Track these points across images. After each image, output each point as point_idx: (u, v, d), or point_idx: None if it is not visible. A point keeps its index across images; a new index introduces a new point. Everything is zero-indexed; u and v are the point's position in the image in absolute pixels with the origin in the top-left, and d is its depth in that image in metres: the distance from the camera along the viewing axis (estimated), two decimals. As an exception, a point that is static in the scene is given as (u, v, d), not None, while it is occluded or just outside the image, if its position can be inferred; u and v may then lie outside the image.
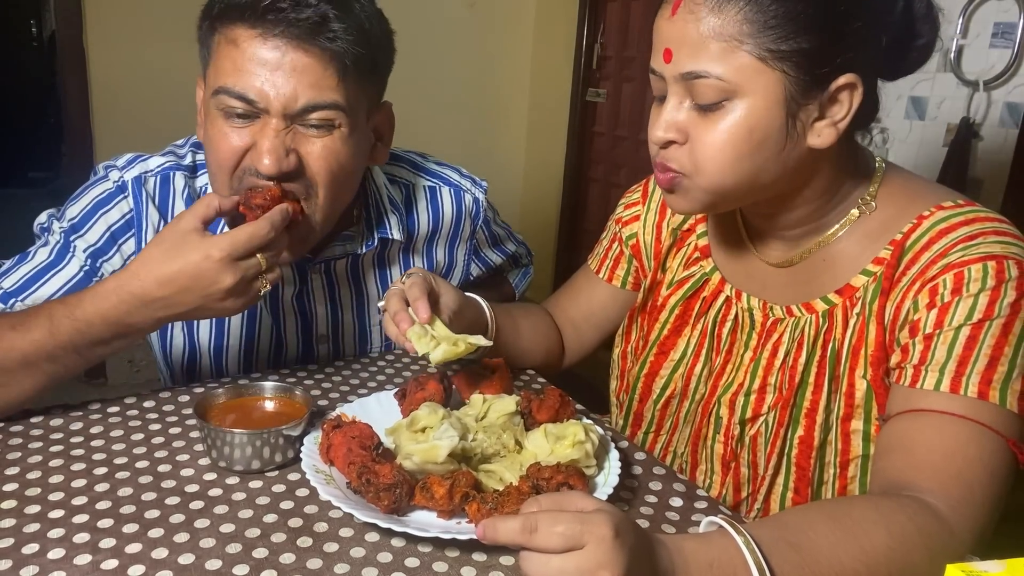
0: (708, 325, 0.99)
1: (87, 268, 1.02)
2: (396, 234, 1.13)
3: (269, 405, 0.90)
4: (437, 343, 0.87)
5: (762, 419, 0.91)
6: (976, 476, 0.72)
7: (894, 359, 0.82)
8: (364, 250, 1.12)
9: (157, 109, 2.72)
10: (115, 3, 2.73)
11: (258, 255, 0.85)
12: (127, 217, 1.04)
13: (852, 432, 0.85)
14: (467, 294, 1.03)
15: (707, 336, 0.99)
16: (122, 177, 1.04)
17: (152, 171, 1.06)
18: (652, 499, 0.84)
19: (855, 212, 0.88)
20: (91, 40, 2.75)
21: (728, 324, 0.97)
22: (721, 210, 0.93)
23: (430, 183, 1.21)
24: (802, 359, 0.88)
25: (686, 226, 1.06)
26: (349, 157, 0.96)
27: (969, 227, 0.80)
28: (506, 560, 0.71)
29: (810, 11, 0.75)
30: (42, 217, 1.06)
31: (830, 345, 0.87)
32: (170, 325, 1.09)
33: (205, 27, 0.95)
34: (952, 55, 1.97)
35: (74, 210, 1.03)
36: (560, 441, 0.82)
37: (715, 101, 0.78)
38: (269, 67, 0.89)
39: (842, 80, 0.78)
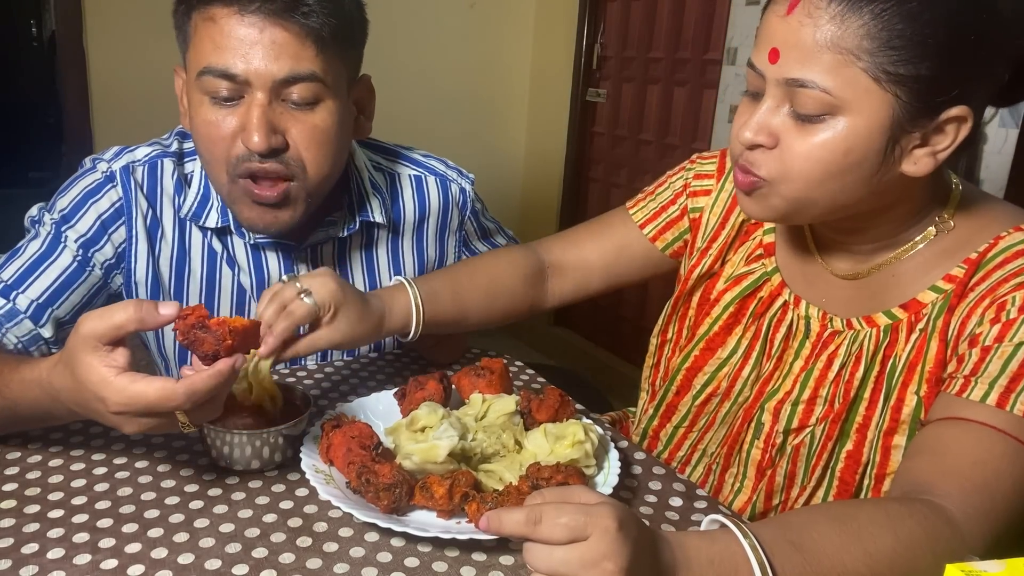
0: (762, 328, 0.96)
1: (80, 258, 1.02)
2: (378, 217, 1.13)
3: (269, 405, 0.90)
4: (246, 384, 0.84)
5: (808, 430, 0.89)
6: (1001, 489, 0.71)
7: (949, 369, 0.80)
8: (346, 233, 1.12)
9: (157, 109, 2.71)
10: (115, 3, 2.72)
11: (176, 413, 0.69)
12: (116, 206, 1.04)
13: (893, 447, 0.84)
14: (399, 279, 1.00)
15: (759, 339, 0.96)
16: (110, 167, 1.05)
17: (139, 160, 1.07)
18: (652, 499, 0.84)
19: (932, 231, 0.85)
20: (91, 40, 2.75)
21: (782, 330, 0.95)
22: (795, 223, 0.91)
23: (416, 172, 1.21)
24: (859, 374, 0.86)
25: (753, 220, 1.01)
26: (335, 131, 0.98)
27: None
28: (506, 560, 0.71)
29: (939, 37, 0.70)
30: (32, 210, 1.06)
31: (890, 361, 0.85)
32: None
33: (181, 11, 0.96)
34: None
35: (64, 201, 1.04)
36: (560, 441, 0.82)
37: (816, 114, 0.74)
38: (248, 43, 0.91)
39: (953, 112, 0.73)
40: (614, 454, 0.85)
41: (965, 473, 0.71)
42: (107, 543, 0.70)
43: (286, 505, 0.78)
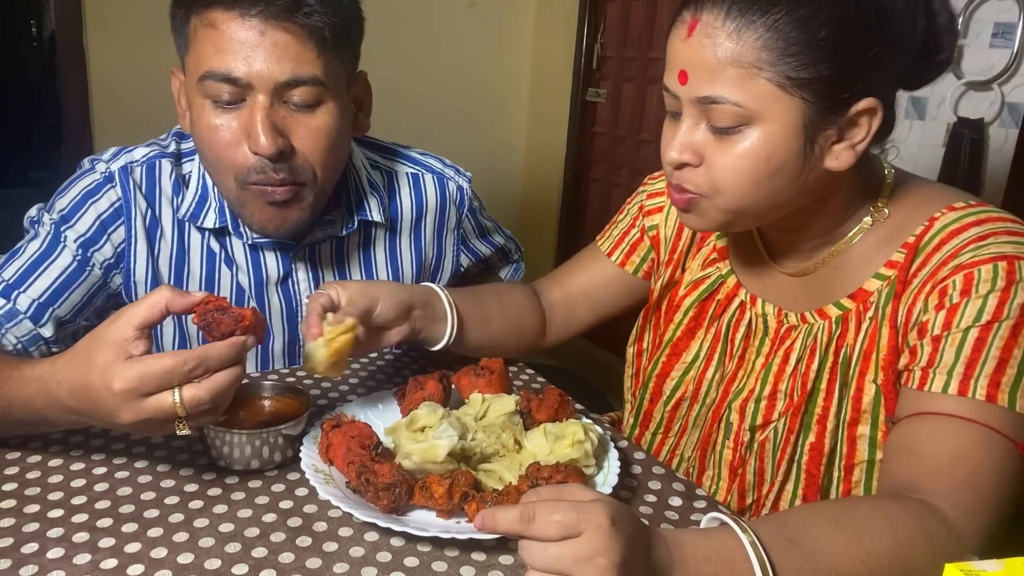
0: (722, 329, 0.99)
1: (79, 258, 1.02)
2: (376, 216, 1.13)
3: (268, 404, 0.90)
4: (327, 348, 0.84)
5: (772, 426, 0.90)
6: (985, 481, 0.72)
7: (903, 361, 0.81)
8: (344, 232, 1.12)
9: (157, 109, 2.71)
10: (115, 3, 2.72)
11: (174, 399, 0.69)
12: (116, 206, 1.05)
13: (858, 437, 0.85)
14: (427, 285, 1.02)
15: (720, 340, 0.99)
16: (108, 168, 1.05)
17: (137, 161, 1.07)
18: (651, 498, 0.84)
19: (868, 220, 0.87)
20: (91, 40, 2.75)
21: (742, 329, 0.97)
22: (737, 229, 0.94)
23: (412, 170, 1.21)
24: (814, 366, 0.88)
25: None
26: (337, 132, 0.99)
27: (980, 227, 0.79)
28: (505, 559, 0.71)
29: (832, 38, 0.73)
30: (32, 211, 1.06)
31: (843, 351, 0.86)
32: None
33: (180, 15, 0.96)
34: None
35: (63, 202, 1.04)
36: (559, 441, 0.82)
37: (732, 126, 0.77)
38: (249, 46, 0.91)
39: (862, 105, 0.76)
40: (614, 454, 0.85)
41: (947, 470, 0.72)
42: (107, 543, 0.70)
43: (286, 505, 0.78)
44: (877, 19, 0.75)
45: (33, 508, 0.75)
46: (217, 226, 1.07)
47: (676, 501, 0.83)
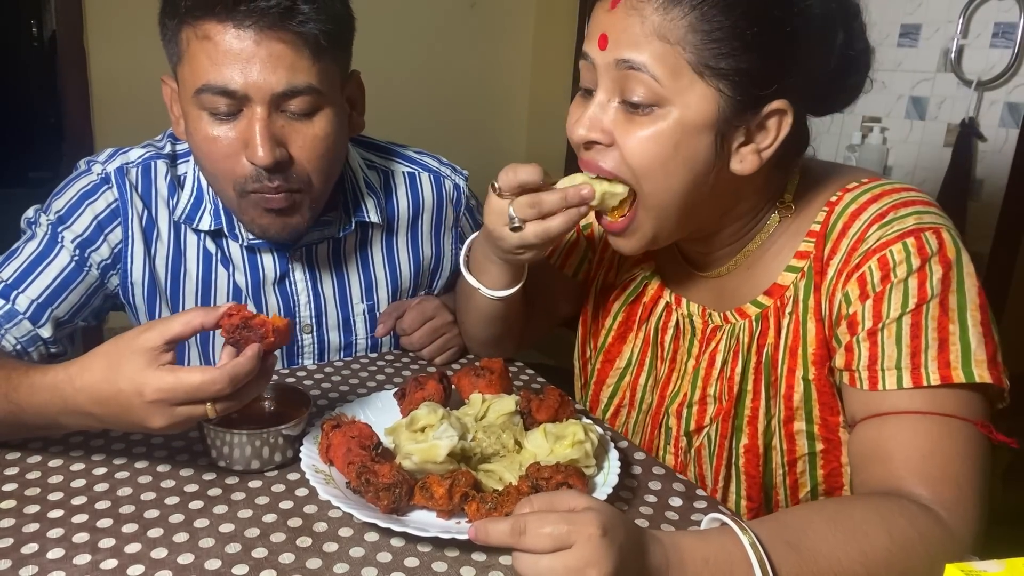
0: (650, 332, 0.98)
1: (77, 258, 1.03)
2: (373, 217, 1.14)
3: (268, 405, 0.90)
4: None
5: (705, 431, 0.90)
6: (961, 471, 0.72)
7: (839, 359, 0.80)
8: (342, 234, 1.12)
9: (157, 109, 2.71)
10: (115, 3, 2.72)
11: (207, 405, 0.73)
12: (112, 207, 1.05)
13: (796, 433, 0.85)
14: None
15: (650, 344, 0.98)
16: (105, 169, 1.05)
17: (133, 162, 1.07)
18: (652, 499, 0.83)
19: (775, 216, 0.87)
20: (91, 40, 2.75)
21: (670, 331, 0.96)
22: (662, 244, 0.89)
23: (409, 169, 1.21)
24: (739, 368, 0.88)
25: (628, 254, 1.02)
26: (334, 137, 0.99)
27: (877, 204, 0.79)
28: (505, 560, 0.71)
29: (756, 31, 0.73)
30: (29, 212, 1.06)
31: (765, 349, 0.86)
32: (157, 315, 1.10)
33: (172, 25, 0.95)
34: (952, 55, 1.97)
35: (59, 203, 1.04)
36: (559, 441, 0.82)
37: (645, 103, 0.76)
38: (245, 57, 0.90)
39: (774, 105, 0.76)
40: (614, 454, 0.85)
41: (921, 470, 0.72)
42: (107, 543, 0.70)
43: (286, 505, 0.78)
44: (798, 19, 0.75)
45: (33, 508, 0.75)
46: (213, 228, 1.07)
47: (676, 501, 0.83)
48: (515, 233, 0.87)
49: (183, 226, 1.08)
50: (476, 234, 1.00)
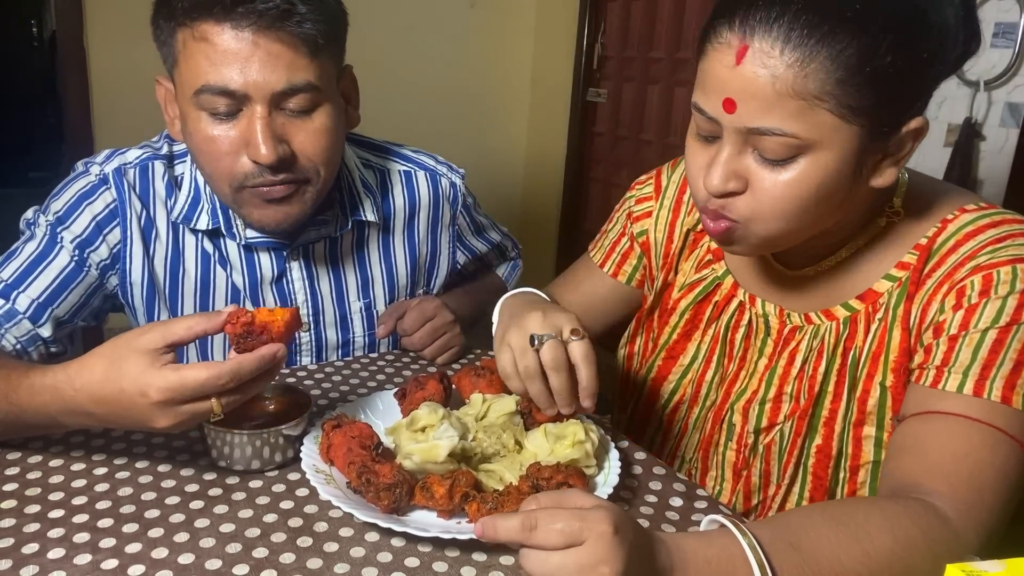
0: (720, 330, 0.97)
1: (76, 258, 1.03)
2: (370, 216, 1.14)
3: (269, 404, 0.90)
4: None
5: (777, 428, 0.90)
6: (987, 480, 0.71)
7: (916, 359, 0.80)
8: (339, 233, 1.13)
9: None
10: (115, 3, 2.72)
11: (212, 400, 0.73)
12: (111, 207, 1.05)
13: (864, 438, 0.84)
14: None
15: (719, 342, 0.98)
16: (102, 170, 1.06)
17: (131, 163, 1.07)
18: (652, 499, 0.83)
19: (881, 221, 0.85)
20: (91, 40, 2.76)
21: (741, 330, 0.96)
22: (774, 251, 0.89)
23: (405, 167, 1.21)
24: (822, 368, 0.87)
25: (699, 227, 1.02)
26: (334, 130, 0.99)
27: (996, 229, 0.79)
28: (506, 560, 0.71)
29: (896, 65, 0.70)
30: (28, 213, 1.06)
31: (851, 352, 0.85)
32: (156, 315, 1.10)
33: (167, 26, 0.94)
34: (952, 55, 1.96)
35: (58, 204, 1.04)
36: (560, 441, 0.82)
37: (784, 158, 0.73)
38: (243, 57, 0.90)
39: (913, 124, 0.74)
40: (614, 454, 0.85)
41: (950, 469, 0.72)
42: (107, 543, 0.70)
43: (286, 505, 0.78)
44: (936, 39, 0.72)
45: (34, 508, 0.75)
46: (210, 227, 1.07)
47: (677, 501, 0.83)
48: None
49: (181, 226, 1.08)
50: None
